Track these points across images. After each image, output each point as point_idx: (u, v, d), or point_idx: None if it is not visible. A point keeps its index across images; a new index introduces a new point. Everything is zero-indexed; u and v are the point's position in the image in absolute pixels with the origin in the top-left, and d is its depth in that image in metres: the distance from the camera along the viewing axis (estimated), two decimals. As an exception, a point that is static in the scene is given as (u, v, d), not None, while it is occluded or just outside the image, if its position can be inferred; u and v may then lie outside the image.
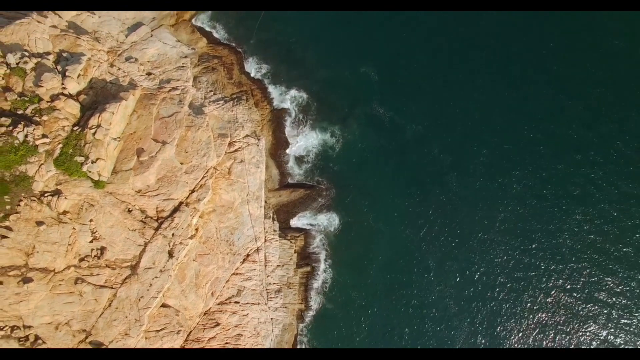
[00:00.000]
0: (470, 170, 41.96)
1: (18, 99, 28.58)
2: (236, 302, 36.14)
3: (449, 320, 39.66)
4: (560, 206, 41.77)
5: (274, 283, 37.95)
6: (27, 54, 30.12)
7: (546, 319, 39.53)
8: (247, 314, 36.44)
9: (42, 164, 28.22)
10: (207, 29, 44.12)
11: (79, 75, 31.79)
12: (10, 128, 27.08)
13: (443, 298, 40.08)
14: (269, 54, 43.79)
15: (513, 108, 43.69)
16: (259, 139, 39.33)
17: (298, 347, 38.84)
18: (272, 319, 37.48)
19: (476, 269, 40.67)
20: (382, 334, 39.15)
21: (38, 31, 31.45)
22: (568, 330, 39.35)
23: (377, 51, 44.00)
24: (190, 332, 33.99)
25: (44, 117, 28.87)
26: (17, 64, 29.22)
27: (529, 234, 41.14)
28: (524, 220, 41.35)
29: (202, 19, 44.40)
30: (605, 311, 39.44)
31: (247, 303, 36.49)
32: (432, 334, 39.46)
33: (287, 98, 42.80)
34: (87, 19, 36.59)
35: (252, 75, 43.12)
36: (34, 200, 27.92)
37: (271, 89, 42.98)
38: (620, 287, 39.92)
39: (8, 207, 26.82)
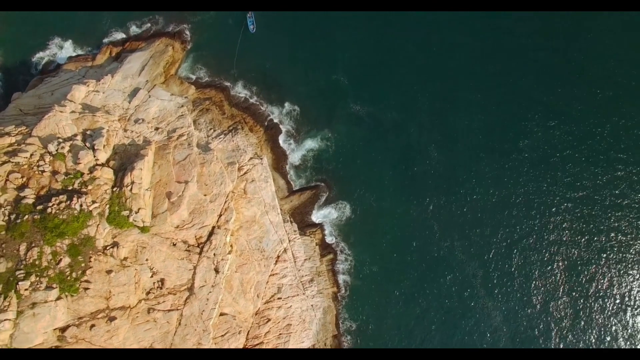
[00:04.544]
0: (446, 141, 48.19)
1: (65, 178, 34.79)
2: (279, 298, 42.37)
3: (462, 269, 45.88)
4: (534, 161, 47.98)
5: (306, 275, 44.17)
6: (61, 140, 36.38)
7: (538, 265, 45.77)
8: (291, 306, 42.64)
9: (98, 224, 34.42)
10: (192, 76, 50.05)
11: (104, 146, 38.03)
12: (68, 202, 33.29)
13: (452, 252, 46.31)
14: (250, 83, 49.54)
15: (472, 86, 49.88)
16: (261, 158, 45.50)
17: (340, 325, 44.94)
18: (312, 305, 43.67)
19: (473, 221, 46.80)
20: (407, 296, 45.28)
21: (63, 119, 37.71)
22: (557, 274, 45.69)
23: (341, 58, 50.20)
24: (249, 331, 40.26)
25: (89, 187, 35.12)
26: (57, 150, 35.46)
27: (507, 186, 47.32)
28: (502, 174, 47.61)
29: (184, 69, 50.19)
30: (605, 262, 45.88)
31: (288, 297, 42.71)
32: (450, 284, 45.61)
33: (275, 117, 48.93)
34: (94, 97, 42.87)
35: (240, 105, 49.19)
36: (100, 254, 34.15)
37: (259, 112, 48.95)
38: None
39: (83, 264, 33.05)
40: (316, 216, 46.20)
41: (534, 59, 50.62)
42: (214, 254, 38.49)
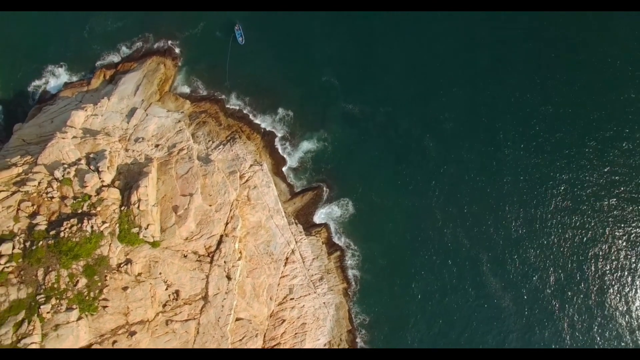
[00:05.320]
0: (441, 132, 49.25)
1: (74, 202, 35.81)
2: (291, 299, 43.44)
3: (467, 254, 47.02)
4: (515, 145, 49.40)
5: (315, 274, 45.22)
6: (66, 165, 37.39)
7: (542, 247, 47.11)
8: (304, 305, 43.70)
9: (110, 243, 35.45)
10: (186, 91, 50.94)
11: (108, 167, 39.06)
12: (79, 225, 34.33)
13: (457, 239, 47.42)
14: (243, 93, 50.45)
15: (462, 79, 50.93)
16: (261, 165, 46.51)
17: (353, 319, 46.01)
18: (324, 303, 44.73)
19: (475, 208, 48.03)
20: (416, 285, 46.42)
21: (66, 145, 38.73)
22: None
23: (330, 60, 51.13)
24: (265, 333, 41.31)
25: (98, 208, 36.14)
26: (63, 176, 36.47)
27: (505, 173, 48.75)
28: (499, 162, 48.98)
29: (178, 85, 51.03)
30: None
31: (300, 297, 43.78)
32: (457, 269, 46.76)
33: (270, 123, 49.95)
34: (94, 121, 43.88)
35: (236, 115, 50.18)
36: (115, 272, 35.19)
37: (255, 120, 49.99)
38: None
39: (99, 283, 34.09)
40: (320, 216, 47.29)
41: (522, 48, 51.77)
42: (225, 262, 39.52)
